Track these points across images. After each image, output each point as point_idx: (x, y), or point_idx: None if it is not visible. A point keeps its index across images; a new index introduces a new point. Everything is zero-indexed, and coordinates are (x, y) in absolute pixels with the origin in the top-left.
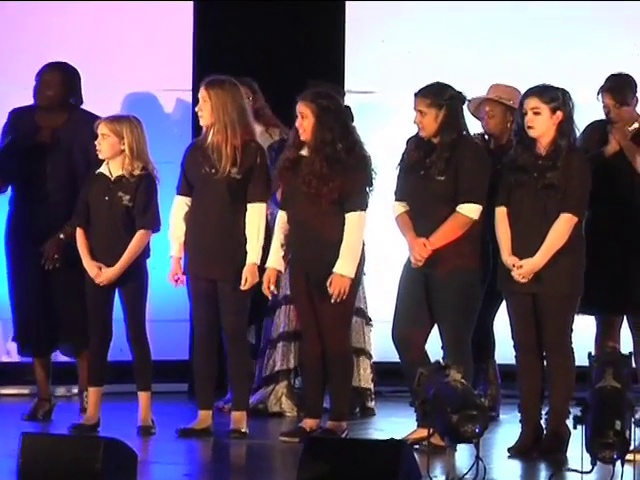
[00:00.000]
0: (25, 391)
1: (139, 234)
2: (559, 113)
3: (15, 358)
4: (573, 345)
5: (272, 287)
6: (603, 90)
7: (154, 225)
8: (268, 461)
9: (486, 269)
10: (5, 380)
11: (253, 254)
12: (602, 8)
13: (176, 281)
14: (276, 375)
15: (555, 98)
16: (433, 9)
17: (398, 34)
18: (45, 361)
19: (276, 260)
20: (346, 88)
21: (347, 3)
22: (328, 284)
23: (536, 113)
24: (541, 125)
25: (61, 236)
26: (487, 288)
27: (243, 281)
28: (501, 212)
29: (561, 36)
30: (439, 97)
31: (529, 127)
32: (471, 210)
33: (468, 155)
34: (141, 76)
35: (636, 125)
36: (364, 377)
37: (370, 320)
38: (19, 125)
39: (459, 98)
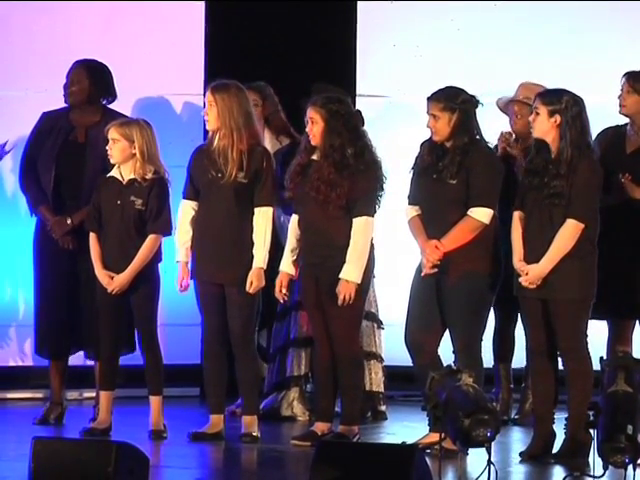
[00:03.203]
0: (37, 395)
1: (150, 239)
2: (557, 117)
3: (28, 362)
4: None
5: (284, 290)
6: (627, 74)
7: (165, 230)
8: (280, 465)
9: (497, 274)
10: (17, 384)
11: (260, 258)
12: (618, 11)
13: (182, 287)
14: (287, 381)
15: (555, 102)
16: (445, 13)
17: (409, 38)
18: (62, 365)
19: (288, 264)
20: (357, 92)
21: (359, 7)
22: (337, 290)
23: (537, 113)
24: (539, 126)
25: (68, 221)
26: (508, 294)
27: (248, 284)
28: (516, 216)
29: (576, 40)
30: (452, 101)
31: (531, 127)
32: (482, 214)
33: (480, 159)
34: (152, 80)
35: None
36: (375, 381)
37: (381, 324)
38: (54, 126)
39: (472, 102)
